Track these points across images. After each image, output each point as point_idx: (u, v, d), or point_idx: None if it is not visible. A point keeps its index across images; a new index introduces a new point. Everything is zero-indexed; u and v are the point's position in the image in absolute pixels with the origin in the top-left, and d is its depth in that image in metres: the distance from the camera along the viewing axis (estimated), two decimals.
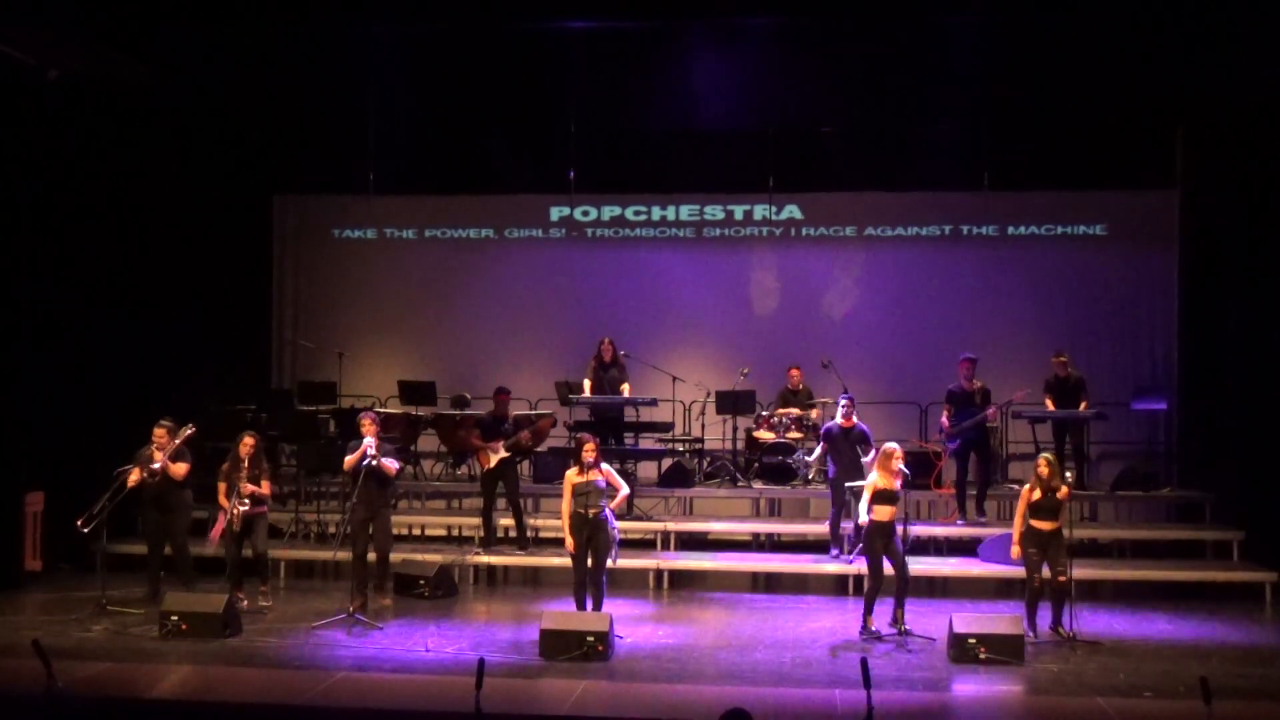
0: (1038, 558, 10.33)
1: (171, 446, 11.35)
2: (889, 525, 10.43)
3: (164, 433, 11.40)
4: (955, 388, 13.63)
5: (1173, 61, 13.32)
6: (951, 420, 13.49)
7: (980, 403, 13.48)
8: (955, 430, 13.45)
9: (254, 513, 11.31)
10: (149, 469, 11.27)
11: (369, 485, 11.12)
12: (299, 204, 17.36)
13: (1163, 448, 15.72)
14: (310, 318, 17.22)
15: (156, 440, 11.37)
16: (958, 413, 13.48)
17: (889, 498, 10.40)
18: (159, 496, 11.47)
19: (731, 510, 14.82)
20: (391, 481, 11.53)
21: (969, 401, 13.49)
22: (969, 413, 13.43)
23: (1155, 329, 15.96)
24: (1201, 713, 6.65)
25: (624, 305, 16.47)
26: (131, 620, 10.74)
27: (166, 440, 11.37)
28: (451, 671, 9.20)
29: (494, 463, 12.99)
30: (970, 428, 13.44)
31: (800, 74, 14.25)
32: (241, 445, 11.33)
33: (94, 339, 13.80)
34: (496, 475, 13.08)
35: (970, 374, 13.59)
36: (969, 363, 13.67)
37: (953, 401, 13.56)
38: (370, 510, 11.24)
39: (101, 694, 8.51)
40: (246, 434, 11.49)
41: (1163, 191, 15.79)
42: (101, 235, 13.91)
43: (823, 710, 8.54)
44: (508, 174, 16.42)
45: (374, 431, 11.16)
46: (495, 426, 13.17)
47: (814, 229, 16.80)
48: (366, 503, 11.18)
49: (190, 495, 11.74)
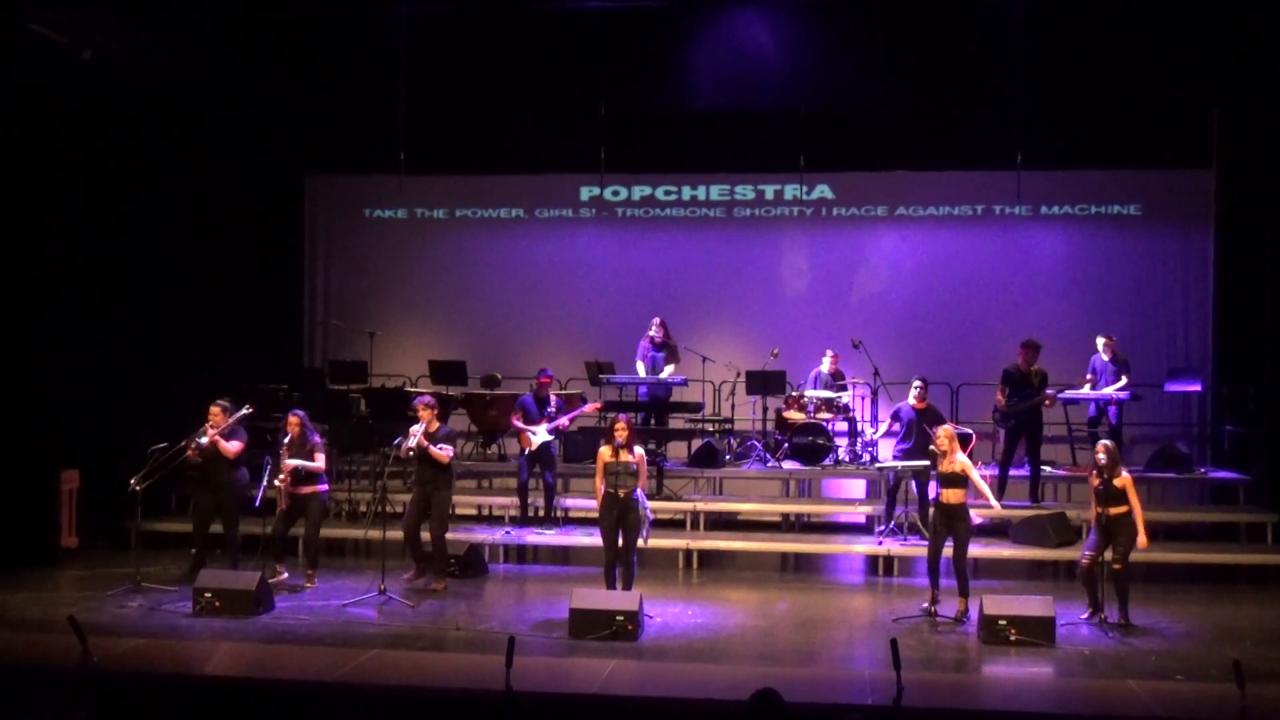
0: (1098, 540, 10.24)
1: (225, 425, 11.43)
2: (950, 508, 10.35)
3: (219, 411, 11.45)
4: (1013, 369, 13.38)
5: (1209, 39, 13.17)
6: (1008, 401, 13.33)
7: (1038, 386, 13.29)
8: (1010, 411, 13.28)
9: (304, 493, 11.32)
10: (196, 443, 11.34)
11: (424, 468, 11.30)
12: (330, 184, 17.41)
13: (1197, 430, 15.61)
14: (341, 297, 17.30)
15: (212, 419, 11.43)
16: (1013, 394, 13.31)
17: (950, 480, 10.35)
18: (207, 475, 11.53)
19: (761, 491, 14.82)
20: (447, 466, 11.56)
21: (1026, 384, 13.25)
22: (1025, 395, 13.24)
23: (1190, 310, 15.81)
24: (1234, 696, 6.62)
25: (654, 285, 16.46)
26: (166, 597, 10.84)
27: (221, 419, 11.43)
28: (482, 649, 9.24)
29: (534, 445, 13.01)
30: (1025, 410, 13.25)
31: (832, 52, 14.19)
32: (287, 423, 11.44)
33: (127, 319, 13.90)
34: (535, 457, 13.11)
35: (1032, 360, 13.32)
36: (1032, 349, 13.35)
37: (1009, 383, 13.33)
38: (424, 493, 11.35)
39: (136, 670, 8.58)
40: (291, 412, 11.58)
41: (1198, 171, 15.61)
42: (135, 215, 14.00)
43: (853, 691, 8.54)
44: (538, 154, 16.42)
45: (426, 417, 11.24)
46: (537, 408, 13.17)
47: (845, 209, 16.72)
48: (421, 484, 11.36)
49: (243, 475, 11.74)
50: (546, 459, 13.13)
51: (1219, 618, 10.85)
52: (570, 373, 15.60)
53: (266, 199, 16.30)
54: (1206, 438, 15.50)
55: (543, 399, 13.19)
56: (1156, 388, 15.10)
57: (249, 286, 15.75)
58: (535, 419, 13.05)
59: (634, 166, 16.62)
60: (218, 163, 15.13)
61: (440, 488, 11.42)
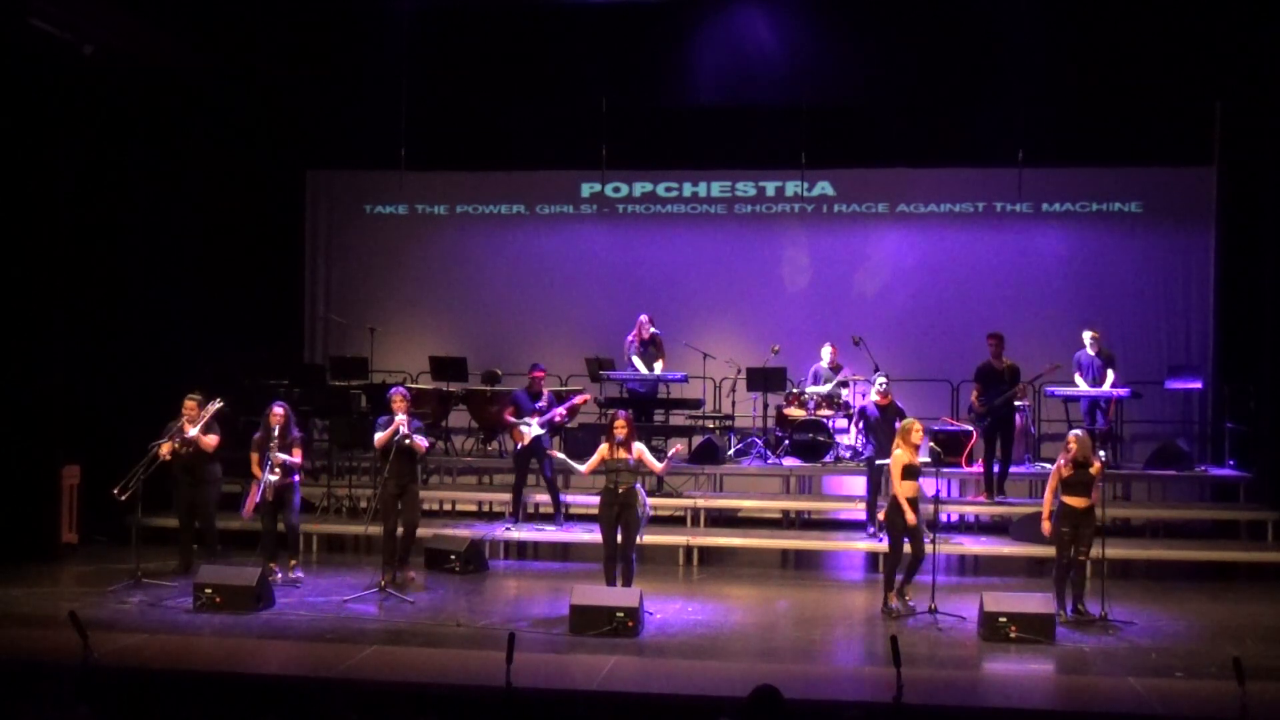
0: (1070, 536, 10.24)
1: (202, 418, 11.45)
2: (912, 501, 10.38)
3: (194, 405, 11.50)
4: (984, 366, 13.45)
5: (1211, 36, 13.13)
6: (981, 399, 13.38)
7: (1009, 381, 13.34)
8: (985, 409, 13.32)
9: (285, 484, 11.39)
10: (181, 439, 11.37)
11: (400, 461, 11.23)
12: (331, 179, 17.42)
13: (1197, 427, 15.60)
14: (342, 293, 17.30)
15: (187, 412, 11.48)
16: (986, 391, 13.35)
17: (911, 472, 10.37)
18: (189, 469, 11.58)
19: (761, 487, 14.81)
20: (421, 458, 11.58)
21: (998, 380, 13.31)
22: (998, 391, 13.28)
23: (1191, 308, 15.81)
24: (1234, 693, 6.61)
25: (655, 282, 16.46)
26: (166, 592, 10.85)
27: (196, 412, 11.47)
28: (482, 646, 9.24)
29: (527, 440, 13.02)
30: (1000, 406, 13.30)
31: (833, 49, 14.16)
32: (271, 415, 11.42)
33: (128, 314, 13.91)
34: (530, 452, 13.11)
35: (998, 351, 13.39)
36: (995, 339, 13.44)
37: (981, 379, 13.41)
38: (400, 486, 11.31)
39: (136, 665, 8.59)
40: (275, 404, 11.57)
41: (1200, 168, 15.61)
42: (135, 210, 14.00)
43: (852, 687, 8.55)
44: (539, 150, 16.42)
45: (405, 409, 11.22)
46: (530, 403, 13.18)
47: (846, 205, 16.72)
48: (397, 478, 11.27)
49: (219, 469, 11.84)
50: (540, 454, 13.13)
51: (1219, 615, 10.84)
52: (571, 369, 15.59)
53: (267, 195, 16.30)
54: (1207, 435, 15.49)
55: (535, 394, 13.20)
56: (1157, 385, 15.10)
57: (250, 282, 15.75)
58: (527, 414, 13.07)
59: (635, 162, 16.60)
60: (218, 158, 15.13)
61: (413, 480, 11.47)
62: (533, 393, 13.22)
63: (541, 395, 13.21)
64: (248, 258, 15.74)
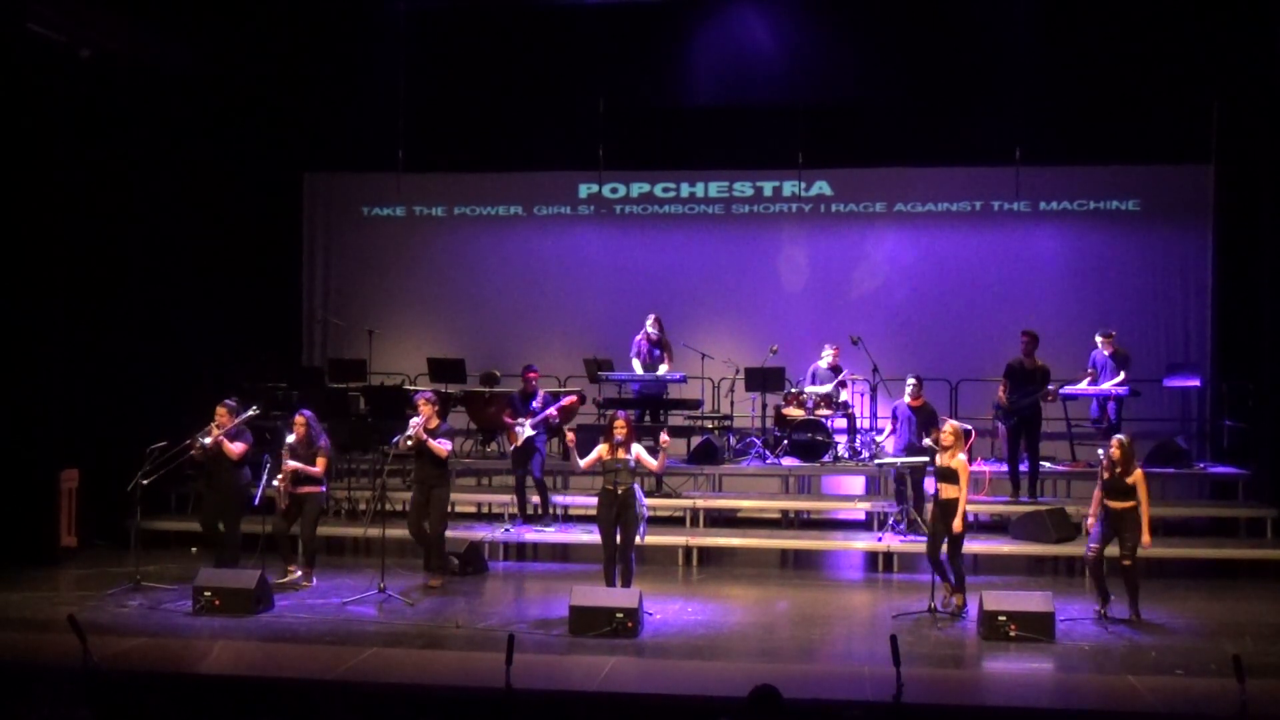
0: (1103, 533, 10.25)
1: (231, 425, 11.41)
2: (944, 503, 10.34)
3: (225, 412, 11.42)
4: (1015, 364, 13.28)
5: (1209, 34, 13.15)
6: (1009, 396, 13.28)
7: (1040, 381, 13.20)
8: (1012, 408, 13.22)
9: (302, 493, 11.35)
10: (199, 443, 11.33)
11: (422, 465, 11.29)
12: (329, 182, 17.42)
13: (1196, 425, 15.61)
14: (340, 295, 17.31)
15: (218, 419, 11.40)
16: (1014, 389, 13.24)
17: (944, 475, 10.35)
18: (210, 475, 11.52)
19: (760, 487, 14.81)
20: (445, 461, 11.54)
21: (1028, 379, 13.17)
22: (1027, 390, 13.16)
23: (1189, 306, 15.82)
24: (1234, 691, 6.61)
25: (653, 282, 16.45)
26: (165, 596, 10.84)
27: (228, 419, 11.41)
28: (482, 647, 9.24)
29: (521, 440, 13.02)
30: (1027, 406, 13.17)
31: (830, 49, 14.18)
32: (294, 424, 11.46)
33: (126, 317, 13.89)
34: (526, 452, 13.11)
35: (1030, 349, 13.21)
36: (1029, 337, 13.25)
37: (1011, 377, 13.25)
38: (424, 490, 11.35)
39: (136, 669, 8.58)
40: (298, 414, 11.59)
41: (1198, 166, 15.60)
42: (133, 213, 13.99)
43: (852, 687, 8.54)
44: (536, 151, 16.43)
45: (428, 413, 11.23)
46: (525, 404, 13.19)
47: (843, 205, 16.72)
48: (420, 482, 11.34)
49: (245, 475, 11.67)
50: (532, 454, 13.12)
51: (1219, 613, 10.84)
52: (569, 370, 15.60)
53: (265, 197, 16.30)
54: (1206, 433, 15.50)
55: (529, 394, 13.21)
56: (1156, 383, 15.10)
57: (248, 285, 15.74)
58: (522, 414, 13.08)
59: (633, 163, 16.62)
60: (216, 161, 15.12)
61: (438, 485, 11.40)
62: (526, 393, 13.23)
63: (535, 396, 13.22)
64: (246, 261, 15.74)
